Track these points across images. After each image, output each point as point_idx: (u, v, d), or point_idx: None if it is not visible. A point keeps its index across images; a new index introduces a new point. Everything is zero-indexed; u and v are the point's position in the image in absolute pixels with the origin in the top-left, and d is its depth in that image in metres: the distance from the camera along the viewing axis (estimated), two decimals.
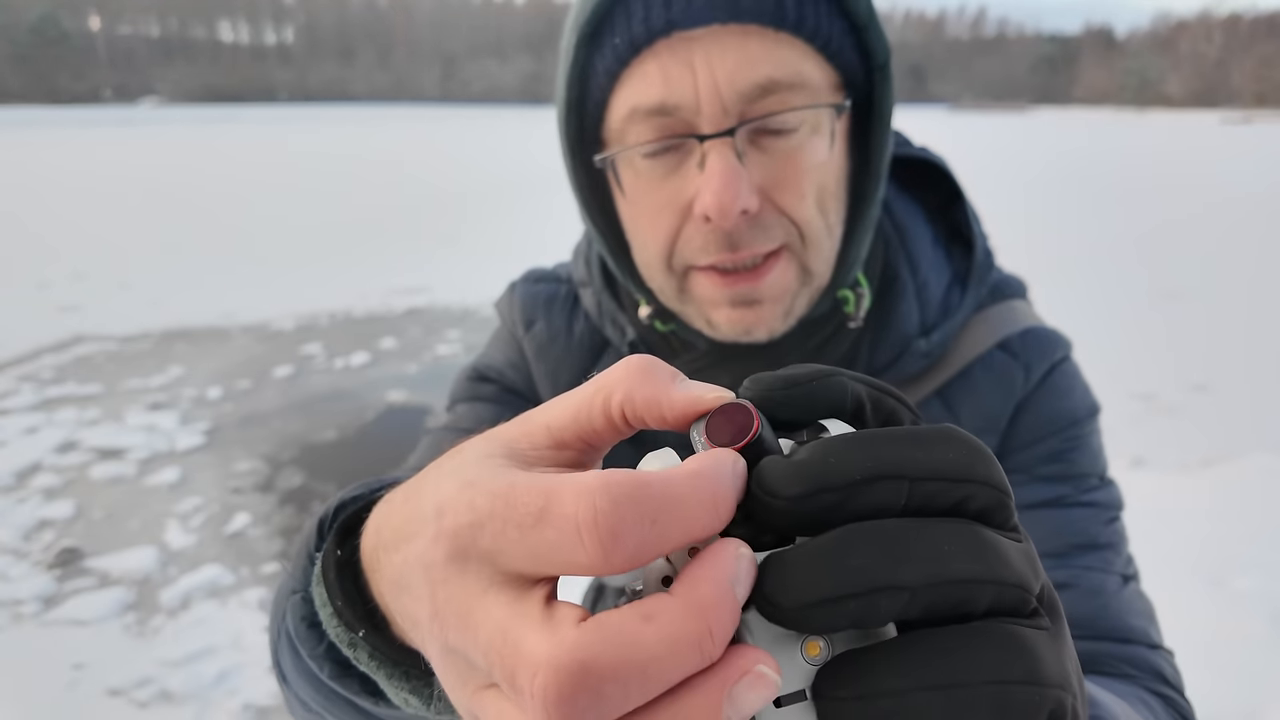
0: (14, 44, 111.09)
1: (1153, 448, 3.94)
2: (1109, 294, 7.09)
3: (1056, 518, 0.65)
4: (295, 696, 0.47)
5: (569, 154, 0.67)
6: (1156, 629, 0.63)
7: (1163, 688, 0.58)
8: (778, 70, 0.57)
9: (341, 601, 0.35)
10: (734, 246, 0.59)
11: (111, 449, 4.03)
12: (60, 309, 6.61)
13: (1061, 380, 0.69)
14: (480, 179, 16.20)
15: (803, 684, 0.22)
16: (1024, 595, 0.23)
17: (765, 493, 0.22)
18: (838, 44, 0.60)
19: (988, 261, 0.71)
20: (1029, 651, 0.22)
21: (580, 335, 0.77)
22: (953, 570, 0.21)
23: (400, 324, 6.27)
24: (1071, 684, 0.23)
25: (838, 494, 0.22)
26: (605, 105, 0.62)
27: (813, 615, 0.21)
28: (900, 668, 0.21)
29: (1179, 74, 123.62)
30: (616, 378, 0.25)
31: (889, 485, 0.22)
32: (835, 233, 0.64)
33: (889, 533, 0.21)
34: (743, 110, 0.57)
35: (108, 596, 2.83)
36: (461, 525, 0.23)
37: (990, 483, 0.23)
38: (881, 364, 0.68)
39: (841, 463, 0.22)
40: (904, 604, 0.21)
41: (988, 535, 0.23)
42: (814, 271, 0.63)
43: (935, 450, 0.23)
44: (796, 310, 0.64)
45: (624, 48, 0.58)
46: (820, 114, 0.59)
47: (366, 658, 0.35)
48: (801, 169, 0.59)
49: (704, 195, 0.57)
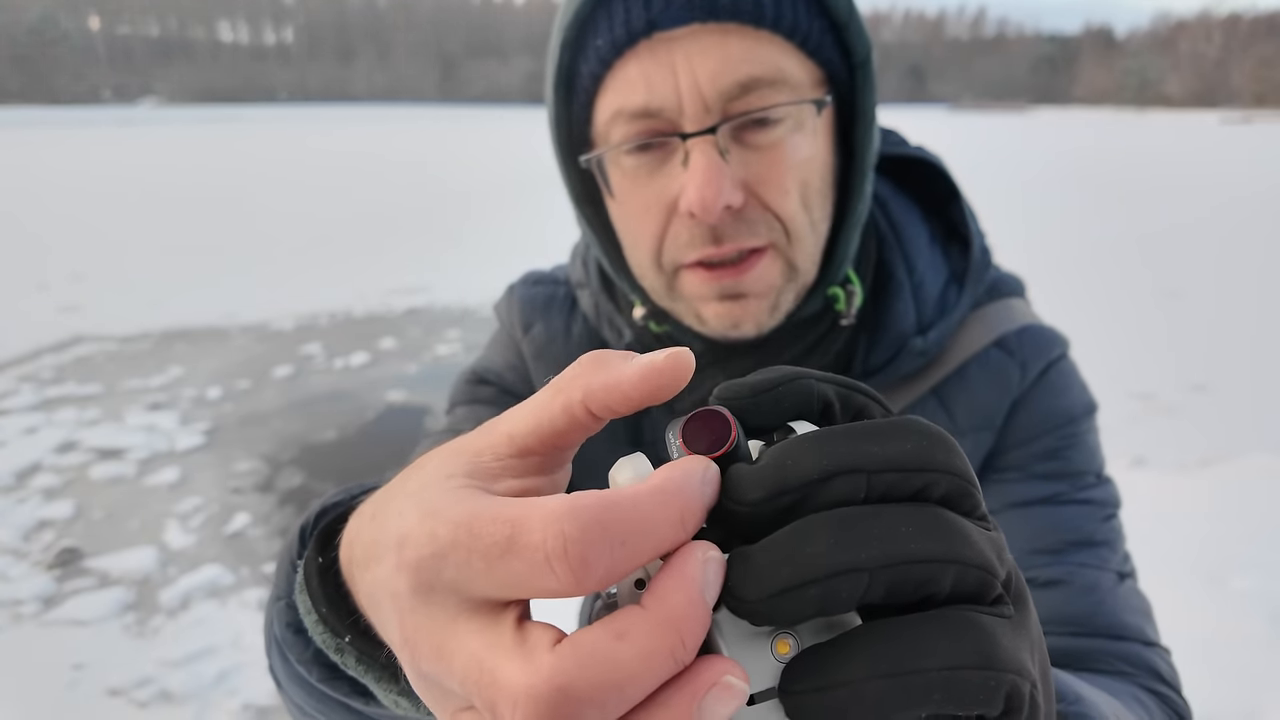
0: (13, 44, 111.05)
1: (1152, 447, 3.94)
2: (1109, 294, 7.09)
3: (1052, 515, 0.65)
4: (290, 700, 0.47)
5: (560, 157, 0.67)
6: (1153, 626, 0.63)
7: (1158, 685, 0.58)
8: (758, 68, 0.57)
9: (326, 608, 0.35)
10: (718, 240, 0.60)
11: (111, 449, 4.03)
12: (60, 309, 6.61)
13: (1058, 378, 0.69)
14: (480, 179, 16.20)
15: (773, 681, 0.22)
16: (986, 578, 0.23)
17: (731, 500, 0.23)
18: (817, 41, 0.60)
19: (985, 260, 0.72)
20: (985, 636, 0.22)
21: (578, 337, 0.77)
22: (910, 550, 0.21)
23: (400, 324, 6.27)
24: (1029, 671, 0.22)
25: (796, 494, 0.22)
26: (591, 107, 0.63)
27: (777, 605, 0.21)
28: (855, 657, 0.21)
29: (1179, 74, 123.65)
30: (571, 375, 0.26)
31: (846, 480, 0.22)
32: (820, 229, 0.64)
33: (845, 519, 0.22)
34: (724, 108, 0.58)
35: (107, 596, 2.83)
36: (424, 557, 0.23)
37: (951, 470, 0.23)
38: (878, 363, 0.68)
39: (798, 463, 0.23)
40: (864, 586, 0.21)
41: (948, 516, 0.23)
42: (799, 268, 0.63)
43: (891, 442, 0.23)
44: (783, 306, 0.64)
45: (606, 49, 0.59)
46: (803, 110, 0.60)
47: (354, 662, 0.35)
48: (785, 165, 0.60)
49: (688, 192, 0.57)
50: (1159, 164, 20.56)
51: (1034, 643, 0.24)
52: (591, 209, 0.70)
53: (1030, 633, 0.24)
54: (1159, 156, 23.30)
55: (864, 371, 0.68)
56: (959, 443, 0.28)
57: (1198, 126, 46.70)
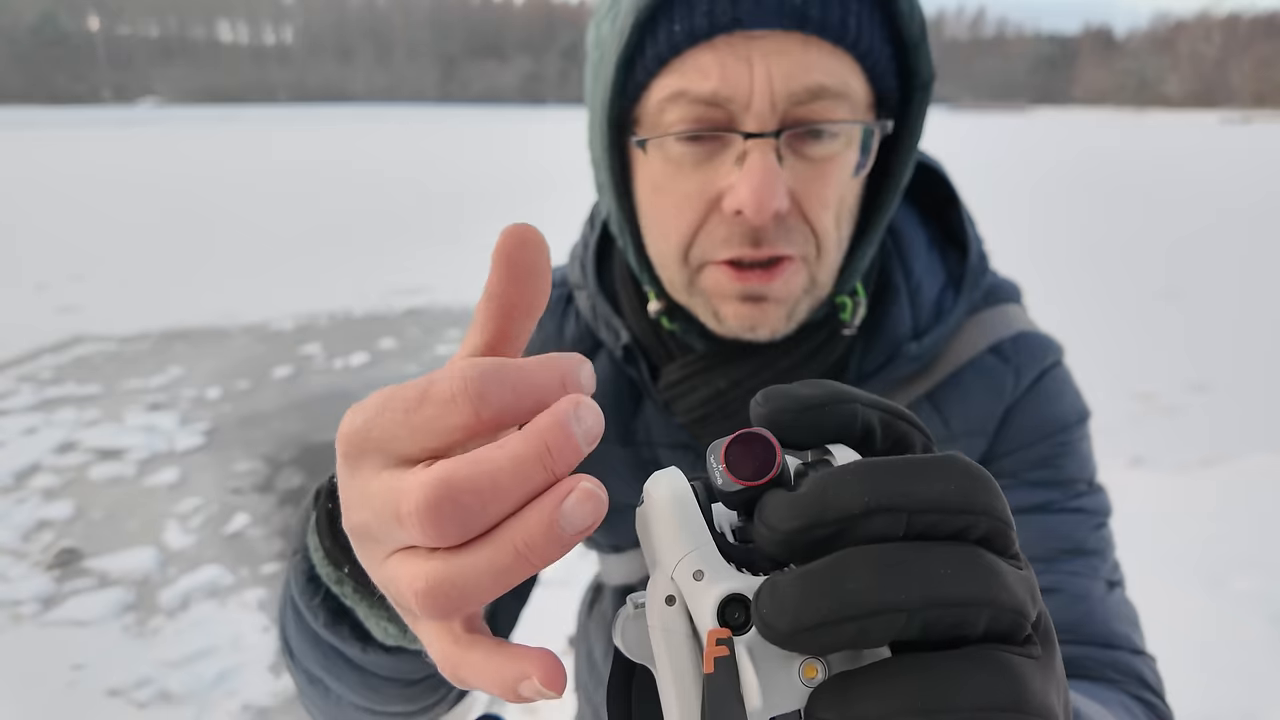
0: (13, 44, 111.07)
1: (1152, 447, 3.94)
2: (1109, 294, 7.09)
3: (1043, 523, 0.65)
4: (299, 667, 0.52)
5: (601, 137, 0.65)
6: (1140, 635, 0.64)
7: (1145, 693, 0.59)
8: (829, 79, 0.57)
9: (330, 542, 0.40)
10: (757, 243, 0.60)
11: (111, 449, 4.03)
12: (59, 309, 6.61)
13: (1052, 385, 0.69)
14: (479, 179, 16.20)
15: (798, 704, 0.22)
16: (1020, 620, 0.23)
17: (766, 526, 0.23)
18: (883, 65, 0.61)
19: (982, 265, 0.71)
20: (1017, 679, 0.22)
21: (572, 337, 0.77)
22: (950, 593, 0.22)
23: (400, 324, 6.27)
24: (1055, 713, 0.23)
25: (834, 527, 0.22)
26: (644, 87, 0.62)
27: (809, 638, 0.21)
28: (887, 690, 0.21)
29: (1178, 74, 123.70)
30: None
31: (887, 517, 0.22)
32: (844, 246, 0.65)
33: (886, 556, 0.22)
34: (788, 111, 0.57)
35: (107, 597, 2.83)
36: (355, 428, 0.27)
37: (991, 513, 0.23)
38: (872, 368, 0.68)
39: (839, 496, 0.23)
40: (901, 626, 0.21)
41: (986, 558, 0.23)
42: (820, 282, 0.64)
43: (936, 482, 0.23)
44: (798, 315, 0.65)
45: (682, 36, 0.58)
46: (857, 130, 0.60)
47: (351, 591, 0.40)
48: (831, 180, 0.60)
49: (740, 190, 0.57)
50: (1159, 164, 20.56)
51: (1059, 683, 0.24)
52: (621, 190, 0.68)
53: (1056, 673, 0.24)
54: (1158, 157, 23.30)
55: (859, 375, 0.69)
56: (951, 448, 0.29)
57: (1197, 126, 46.70)
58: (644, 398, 0.74)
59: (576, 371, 0.26)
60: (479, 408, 0.24)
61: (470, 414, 0.24)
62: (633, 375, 0.74)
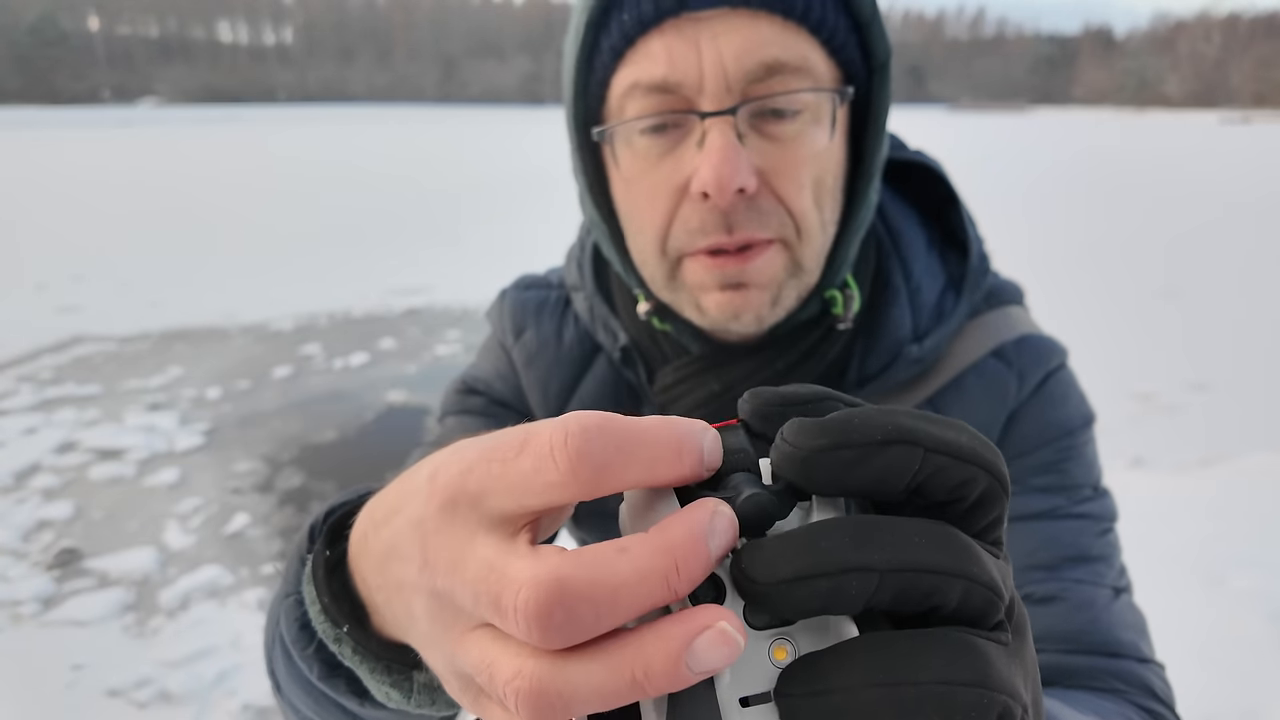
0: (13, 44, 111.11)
1: (1152, 447, 3.94)
2: (1109, 293, 7.09)
3: (1049, 529, 0.64)
4: (287, 702, 0.48)
5: (573, 136, 0.66)
6: (1148, 642, 0.62)
7: (1152, 703, 0.57)
8: (784, 53, 0.57)
9: (329, 598, 0.37)
10: (730, 228, 0.59)
11: (110, 449, 4.03)
12: (59, 309, 6.61)
13: (1056, 389, 0.68)
14: (479, 179, 16.20)
15: (768, 685, 0.23)
16: (992, 598, 0.23)
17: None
18: (842, 39, 0.60)
19: (983, 266, 0.70)
20: (980, 656, 0.22)
21: (570, 341, 0.76)
22: (921, 558, 0.22)
23: (399, 324, 6.27)
24: (1021, 695, 0.23)
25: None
26: (607, 84, 0.62)
27: (786, 592, 0.22)
28: (852, 665, 0.22)
29: (1178, 74, 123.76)
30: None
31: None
32: (829, 230, 0.64)
33: (863, 522, 0.23)
34: (745, 90, 0.57)
35: (107, 597, 2.83)
36: (452, 476, 0.25)
37: (987, 483, 0.25)
38: (873, 371, 0.67)
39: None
40: (874, 587, 0.22)
41: (961, 535, 0.23)
42: (804, 266, 0.62)
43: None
44: (785, 301, 0.63)
45: (631, 25, 0.58)
46: (822, 102, 0.59)
47: (350, 652, 0.37)
48: (800, 157, 0.59)
49: (702, 170, 0.56)
50: (1158, 164, 20.56)
51: (1028, 672, 0.25)
52: (599, 196, 0.68)
53: (1025, 662, 0.25)
54: (1158, 156, 23.30)
55: (859, 379, 0.67)
56: None
57: (1197, 126, 46.71)
58: (642, 401, 0.74)
59: (699, 439, 0.23)
60: (577, 467, 0.22)
61: (568, 473, 0.22)
62: (631, 379, 0.73)
